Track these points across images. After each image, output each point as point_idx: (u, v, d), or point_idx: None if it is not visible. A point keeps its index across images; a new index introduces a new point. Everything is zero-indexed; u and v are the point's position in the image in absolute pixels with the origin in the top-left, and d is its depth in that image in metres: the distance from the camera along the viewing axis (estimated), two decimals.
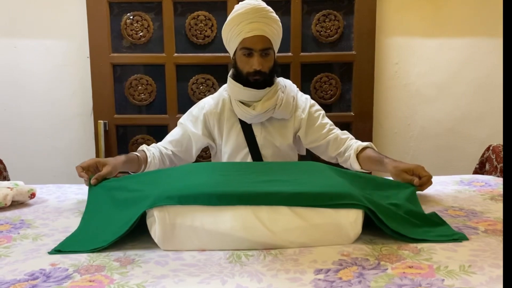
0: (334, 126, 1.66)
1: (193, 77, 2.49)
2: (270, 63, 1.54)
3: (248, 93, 1.53)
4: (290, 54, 2.43)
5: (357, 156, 1.53)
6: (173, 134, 1.66)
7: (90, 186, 1.26)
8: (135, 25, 2.44)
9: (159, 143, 1.65)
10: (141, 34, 2.45)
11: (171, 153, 1.62)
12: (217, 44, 2.44)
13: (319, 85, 2.51)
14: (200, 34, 2.45)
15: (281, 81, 1.65)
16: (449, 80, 2.57)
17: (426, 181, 1.30)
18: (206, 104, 1.66)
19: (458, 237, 1.01)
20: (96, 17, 2.39)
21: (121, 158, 1.43)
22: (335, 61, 2.50)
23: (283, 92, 1.59)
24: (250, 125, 1.61)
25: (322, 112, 1.68)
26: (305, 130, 1.63)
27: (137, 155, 1.51)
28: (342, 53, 2.48)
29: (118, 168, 1.38)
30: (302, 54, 2.46)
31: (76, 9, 2.43)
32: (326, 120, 1.66)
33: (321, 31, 2.47)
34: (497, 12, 2.44)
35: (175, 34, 2.44)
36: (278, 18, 1.56)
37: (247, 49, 1.50)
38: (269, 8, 1.54)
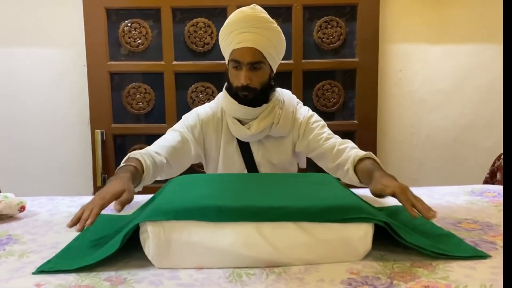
0: (332, 135, 1.49)
1: (193, 85, 2.45)
2: (261, 78, 1.41)
3: (243, 110, 1.42)
4: (291, 61, 2.38)
5: (355, 168, 1.31)
6: (168, 140, 1.43)
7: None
8: (133, 32, 2.39)
9: (150, 148, 1.38)
10: (139, 41, 2.40)
11: (165, 161, 1.38)
12: (217, 51, 2.40)
13: (322, 92, 2.46)
14: (200, 41, 2.41)
15: (279, 94, 1.51)
16: (453, 88, 2.52)
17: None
18: (203, 112, 1.53)
19: (480, 255, 0.94)
20: (94, 24, 2.35)
21: (127, 176, 1.15)
22: (338, 68, 2.46)
23: (280, 108, 1.47)
24: (247, 142, 1.52)
25: (321, 122, 1.53)
26: (302, 142, 1.51)
27: (135, 167, 1.24)
28: (345, 60, 2.43)
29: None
30: (304, 61, 2.42)
31: (73, 17, 2.40)
32: (325, 130, 1.51)
33: (323, 38, 2.42)
34: (501, 18, 2.40)
35: (174, 42, 2.40)
36: (279, 29, 1.42)
37: (235, 61, 1.39)
38: (267, 17, 1.40)
